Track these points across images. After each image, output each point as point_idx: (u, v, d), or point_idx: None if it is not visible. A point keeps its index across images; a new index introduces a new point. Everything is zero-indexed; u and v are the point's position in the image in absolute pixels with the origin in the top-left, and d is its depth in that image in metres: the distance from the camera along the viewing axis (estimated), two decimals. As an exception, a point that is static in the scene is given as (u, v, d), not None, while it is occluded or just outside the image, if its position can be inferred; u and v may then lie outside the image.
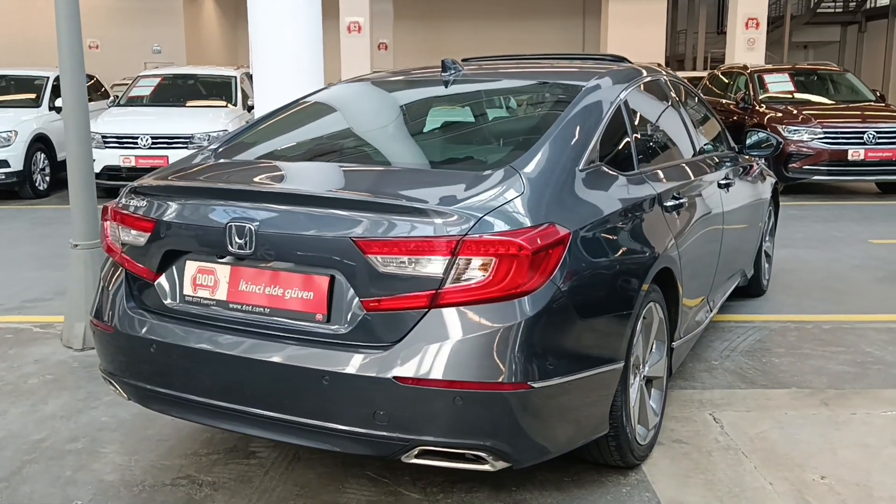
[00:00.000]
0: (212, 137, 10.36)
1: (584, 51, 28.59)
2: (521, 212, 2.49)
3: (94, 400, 3.89)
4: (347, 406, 2.46)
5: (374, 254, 2.43)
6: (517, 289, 2.40)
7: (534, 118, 3.27)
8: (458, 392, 2.37)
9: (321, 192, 2.63)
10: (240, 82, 11.83)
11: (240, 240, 2.59)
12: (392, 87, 3.83)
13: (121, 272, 2.96)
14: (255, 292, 2.64)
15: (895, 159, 10.31)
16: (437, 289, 2.40)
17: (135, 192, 2.94)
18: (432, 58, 27.53)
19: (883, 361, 4.39)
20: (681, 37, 29.65)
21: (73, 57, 4.37)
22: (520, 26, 28.63)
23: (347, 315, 2.50)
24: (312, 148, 3.41)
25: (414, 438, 2.43)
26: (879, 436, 3.46)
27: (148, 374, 2.81)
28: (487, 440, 2.42)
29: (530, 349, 2.42)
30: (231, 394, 2.63)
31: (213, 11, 27.88)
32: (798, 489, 3.01)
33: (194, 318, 2.74)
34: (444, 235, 2.38)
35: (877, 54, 29.33)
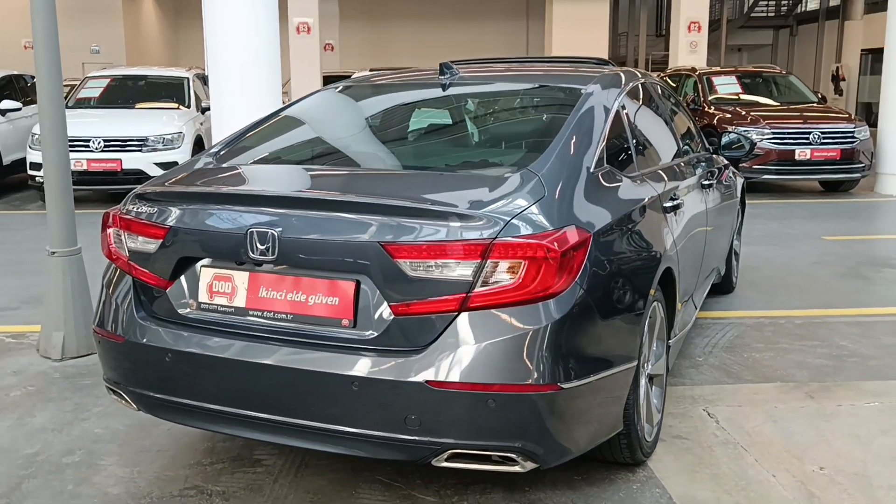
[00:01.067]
0: (166, 140, 10.17)
1: (527, 52, 28.86)
2: (545, 214, 2.52)
3: (84, 411, 3.79)
4: (378, 411, 2.45)
5: (403, 258, 2.43)
6: (545, 291, 2.42)
7: (540, 121, 3.30)
8: (491, 394, 2.39)
9: (348, 196, 2.61)
10: (192, 84, 11.61)
11: (262, 245, 2.56)
12: (392, 90, 3.82)
13: (127, 280, 2.89)
14: (276, 298, 2.61)
15: (839, 158, 10.69)
16: (466, 292, 2.41)
17: (141, 198, 2.87)
18: (378, 59, 27.35)
19: (858, 354, 4.56)
20: (622, 39, 30.18)
21: (49, 58, 4.25)
22: (464, 27, 28.74)
23: (375, 320, 2.49)
24: (321, 152, 3.38)
25: (446, 442, 2.43)
26: (868, 427, 3.59)
27: (162, 383, 2.75)
28: (518, 441, 2.44)
29: (558, 350, 2.45)
30: (253, 401, 2.60)
31: (153, 11, 27.31)
32: (801, 481, 3.10)
33: (212, 326, 2.69)
34: (475, 239, 2.40)
35: (808, 57, 30.29)
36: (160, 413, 2.86)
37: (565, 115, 3.10)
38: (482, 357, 2.40)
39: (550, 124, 3.14)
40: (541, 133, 3.09)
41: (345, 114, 3.71)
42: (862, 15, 27.66)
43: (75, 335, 4.45)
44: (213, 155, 3.26)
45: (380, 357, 2.46)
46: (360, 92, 3.81)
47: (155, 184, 2.97)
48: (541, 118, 3.33)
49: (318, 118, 3.67)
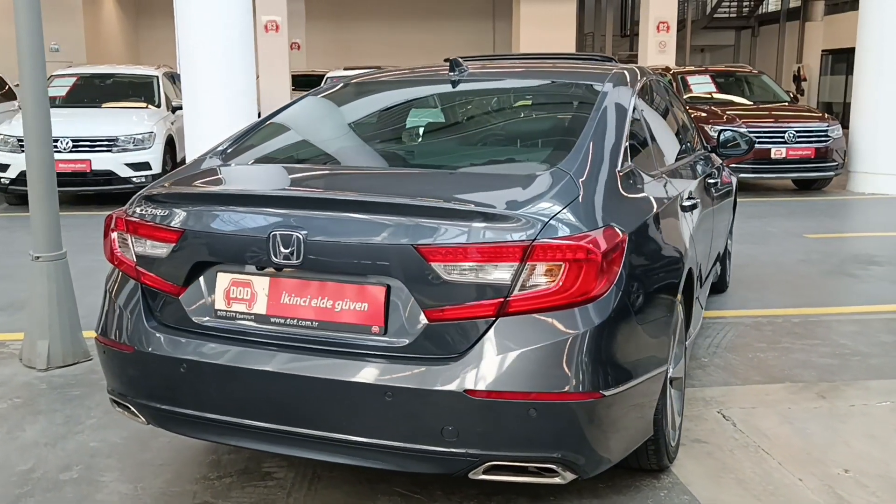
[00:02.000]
0: (137, 140, 9.91)
1: (494, 52, 28.84)
2: (582, 215, 2.43)
3: (76, 424, 3.61)
4: (413, 422, 2.33)
5: (438, 261, 2.31)
6: (586, 295, 2.33)
7: (560, 119, 3.20)
8: (533, 404, 2.29)
9: (379, 197, 2.49)
10: (162, 82, 11.33)
11: (286, 249, 2.42)
12: (402, 86, 3.69)
13: (134, 287, 2.74)
14: (299, 305, 2.48)
15: (813, 157, 10.79)
16: (504, 296, 2.30)
17: (150, 200, 2.72)
18: (345, 58, 27.12)
19: (859, 353, 4.54)
20: (587, 39, 30.31)
21: (33, 58, 4.05)
22: (431, 27, 28.64)
23: (407, 326, 2.38)
24: (336, 151, 3.25)
25: (485, 454, 2.33)
26: (883, 427, 3.56)
27: (176, 395, 2.60)
28: (559, 451, 2.34)
29: (599, 356, 2.36)
30: (276, 414, 2.46)
31: (113, 8, 26.75)
32: (828, 484, 3.05)
33: (229, 335, 2.55)
34: (514, 241, 2.29)
35: (769, 58, 30.73)
36: (172, 426, 2.71)
37: (585, 113, 3.01)
38: (522, 364, 2.30)
39: (572, 122, 3.05)
40: (564, 131, 3.00)
41: (356, 111, 3.58)
42: (822, 16, 28.16)
43: (61, 343, 4.26)
44: (219, 154, 3.12)
45: (414, 365, 2.34)
46: (369, 89, 3.68)
47: (163, 185, 2.82)
48: (560, 116, 3.24)
49: (327, 116, 3.54)
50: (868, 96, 11.19)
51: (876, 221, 9.31)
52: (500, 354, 2.30)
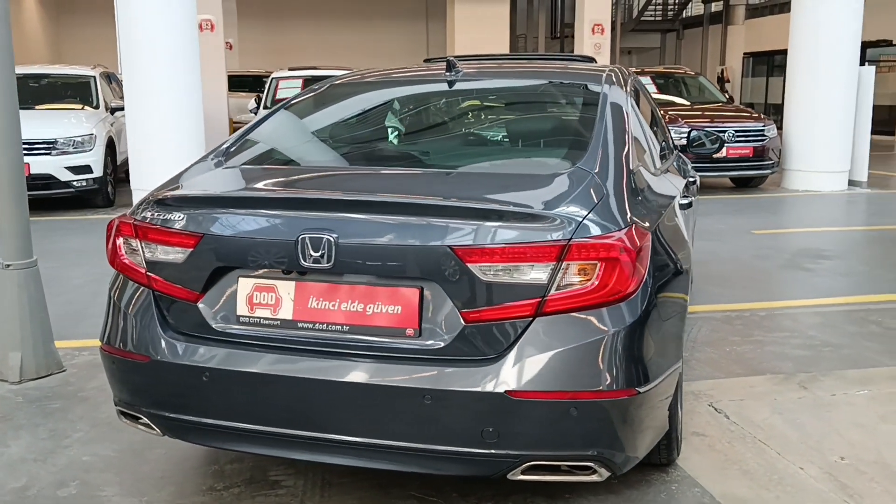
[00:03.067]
0: (76, 142, 9.57)
1: (428, 53, 28.86)
2: (611, 214, 2.44)
3: (63, 438, 3.46)
4: (452, 425, 2.31)
5: (474, 262, 2.30)
6: (620, 293, 2.34)
7: (567, 119, 3.21)
8: (573, 402, 2.29)
9: (414, 198, 2.46)
10: (99, 83, 10.97)
11: (315, 252, 2.37)
12: (403, 86, 3.64)
13: (144, 293, 2.64)
14: (328, 309, 2.43)
15: (752, 156, 11.14)
16: (541, 296, 2.30)
17: (162, 204, 2.62)
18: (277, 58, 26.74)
19: (829, 343, 4.71)
20: (520, 41, 30.60)
21: (3, 57, 3.87)
22: (364, 27, 28.46)
23: (443, 328, 2.35)
24: (349, 151, 3.19)
25: (525, 454, 2.32)
26: (867, 415, 3.69)
27: (197, 405, 2.51)
28: (596, 449, 2.35)
29: (633, 354, 2.39)
30: (307, 420, 2.41)
31: (34, 9, 25.77)
32: (828, 472, 3.15)
33: (254, 341, 2.48)
34: (551, 240, 2.29)
35: (694, 60, 31.55)
36: (191, 437, 2.62)
37: (590, 113, 3.04)
38: (562, 364, 2.30)
39: (580, 122, 3.07)
40: (573, 131, 3.02)
41: (360, 111, 3.52)
42: (743, 20, 29.08)
43: (34, 355, 4.08)
44: (224, 156, 3.03)
45: (452, 367, 2.32)
46: (367, 88, 3.62)
47: (172, 189, 2.72)
48: (566, 116, 3.25)
49: (330, 116, 3.48)
50: (801, 96, 11.59)
51: (815, 217, 9.66)
52: (539, 354, 2.30)
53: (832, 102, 11.32)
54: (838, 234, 8.41)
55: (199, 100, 9.94)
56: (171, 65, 9.33)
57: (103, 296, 2.88)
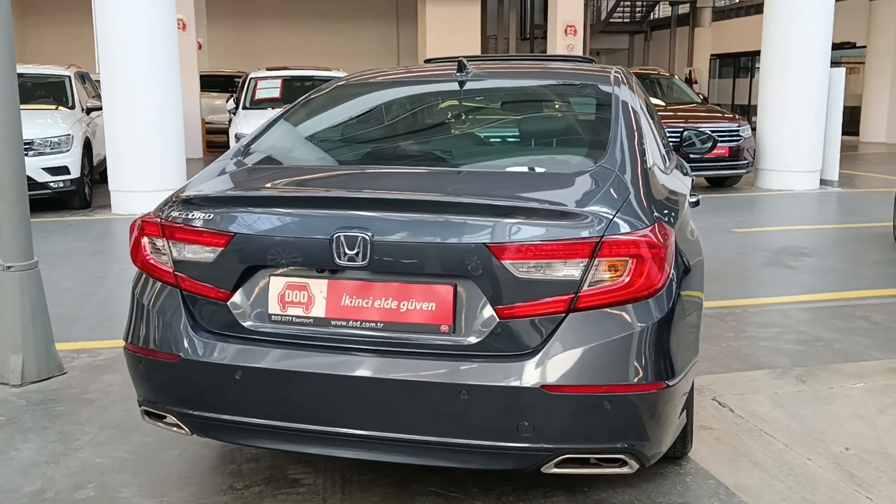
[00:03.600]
0: (53, 143, 9.43)
1: (399, 55, 28.86)
2: (638, 210, 2.49)
3: (73, 440, 3.43)
4: (488, 420, 2.34)
5: (509, 259, 2.33)
6: (649, 289, 2.39)
7: (582, 118, 3.25)
8: (607, 396, 2.34)
9: (449, 197, 2.48)
10: (74, 82, 10.82)
11: (350, 251, 2.39)
12: (416, 85, 3.66)
13: (171, 293, 2.63)
14: (361, 307, 2.45)
15: (727, 156, 11.32)
16: (574, 292, 2.35)
17: (190, 204, 2.62)
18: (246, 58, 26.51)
19: (821, 338, 4.82)
20: (490, 42, 30.73)
21: (3, 56, 3.83)
22: (333, 28, 28.36)
23: (477, 324, 2.39)
24: (373, 150, 3.20)
25: (560, 447, 2.36)
26: (865, 407, 3.79)
27: (229, 404, 2.52)
28: (629, 442, 2.40)
29: (662, 348, 2.44)
30: (342, 417, 2.43)
31: (-4, 5, 25.27)
32: (835, 462, 3.23)
33: (287, 339, 2.49)
34: (584, 237, 2.34)
35: (661, 61, 31.94)
36: (221, 435, 2.62)
37: (605, 113, 3.08)
38: (595, 358, 2.35)
39: (597, 121, 3.11)
40: (591, 130, 3.06)
41: (377, 110, 3.53)
42: (710, 22, 29.52)
43: (35, 357, 4.04)
44: (243, 155, 3.03)
45: (487, 363, 2.35)
46: (381, 88, 3.63)
47: (199, 188, 2.72)
48: (581, 115, 3.29)
49: (347, 115, 3.49)
50: (774, 97, 11.81)
51: (792, 215, 9.85)
52: (573, 350, 2.34)
53: (804, 103, 11.54)
54: (816, 232, 8.59)
55: (179, 99, 9.87)
56: (152, 63, 9.25)
57: (94, 298, 2.87)
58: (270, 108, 10.90)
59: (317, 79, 11.61)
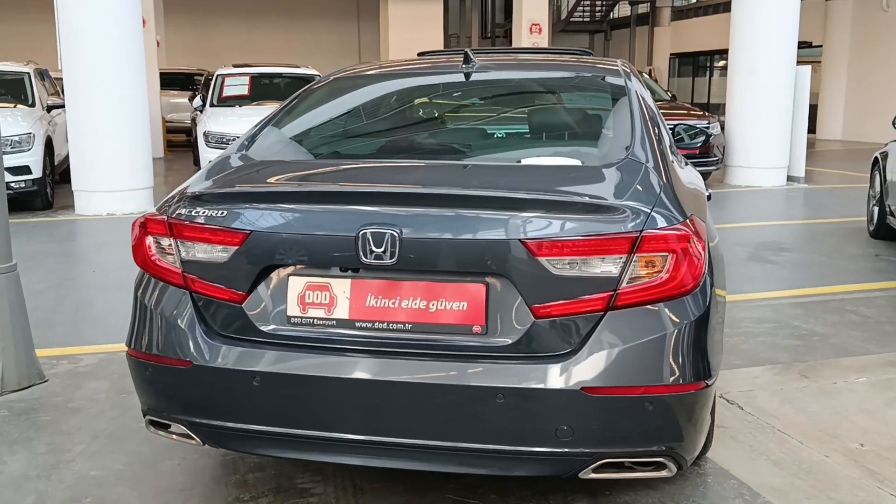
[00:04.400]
0: (14, 142, 9.09)
1: (360, 53, 28.64)
2: (673, 204, 2.41)
3: (63, 452, 3.25)
4: (526, 424, 2.24)
5: (545, 255, 2.23)
6: (687, 285, 2.31)
7: (598, 111, 3.14)
8: (648, 397, 2.25)
9: (482, 191, 2.37)
10: (34, 79, 10.46)
11: (378, 248, 2.26)
12: (421, 76, 3.52)
13: (180, 295, 2.48)
14: (388, 307, 2.32)
15: (697, 153, 11.36)
16: (613, 289, 2.25)
17: (199, 201, 2.47)
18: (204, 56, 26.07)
19: (816, 333, 4.81)
20: (452, 40, 30.61)
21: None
22: (293, 26, 28.02)
23: (511, 324, 2.28)
24: (388, 144, 3.07)
25: (599, 451, 2.27)
26: (871, 401, 3.77)
27: (247, 412, 2.37)
28: (668, 444, 2.32)
29: (700, 347, 2.36)
30: (368, 424, 2.30)
31: (-56, 1, 24.49)
32: (853, 459, 3.19)
33: (308, 343, 2.36)
34: (623, 232, 2.24)
35: (621, 60, 32.22)
36: (236, 445, 2.48)
37: (620, 105, 3.00)
38: (636, 358, 2.26)
39: (614, 113, 3.01)
40: (609, 122, 2.97)
41: (387, 102, 3.39)
42: (669, 22, 29.79)
43: (16, 365, 3.83)
44: (248, 149, 2.88)
45: (524, 364, 2.25)
46: (387, 79, 3.49)
47: (208, 184, 2.57)
48: (597, 107, 3.18)
49: (354, 107, 3.35)
50: (742, 95, 11.90)
51: (764, 211, 9.91)
52: (613, 349, 2.24)
53: (772, 101, 11.65)
54: (791, 228, 8.66)
55: (144, 95, 9.61)
56: (116, 59, 9.00)
57: (68, 301, 2.72)
58: (238, 105, 10.68)
59: (286, 76, 11.41)
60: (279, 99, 11.05)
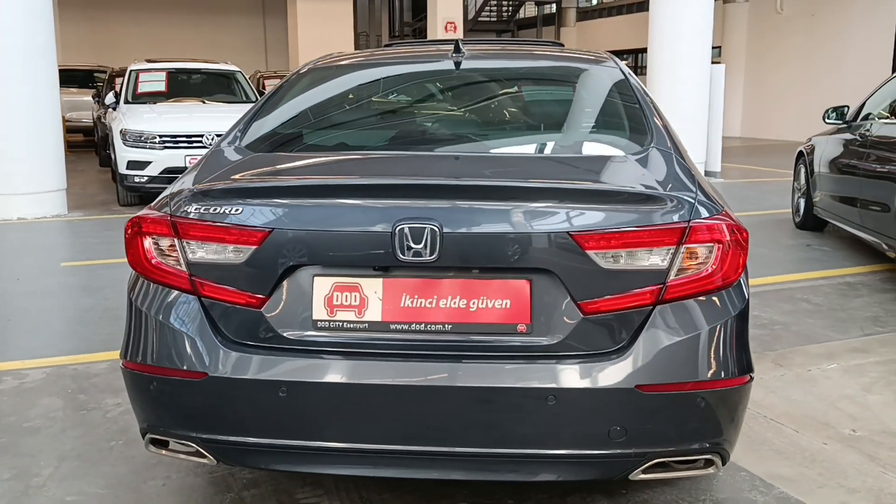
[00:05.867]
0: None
1: (266, 51, 28.01)
2: (710, 193, 2.35)
3: (31, 477, 2.95)
4: (578, 426, 2.13)
5: (594, 248, 2.12)
6: (732, 276, 2.25)
7: (607, 101, 3.03)
8: (701, 393, 2.18)
9: (527, 182, 2.23)
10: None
11: (416, 245, 2.10)
12: (414, 64, 3.34)
13: (187, 300, 2.25)
14: (425, 307, 2.17)
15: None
16: (662, 282, 2.17)
17: (209, 196, 2.25)
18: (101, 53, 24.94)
19: (777, 322, 4.90)
20: (361, 38, 30.32)
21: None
22: (195, 22, 27.13)
23: (558, 322, 2.16)
24: (405, 135, 2.88)
25: (651, 451, 2.18)
26: (850, 386, 3.85)
27: (270, 425, 2.18)
28: (717, 440, 2.25)
29: (743, 339, 2.30)
30: (411, 433, 2.14)
31: None
32: (850, 445, 3.23)
33: (338, 348, 2.18)
34: (672, 223, 2.16)
35: (528, 59, 32.64)
36: (257, 462, 2.27)
37: (627, 95, 2.93)
38: (687, 353, 2.17)
39: (622, 104, 2.93)
40: (622, 112, 2.88)
41: (393, 89, 3.19)
42: (575, 22, 30.37)
43: (-41, 383, 3.47)
44: (239, 141, 2.66)
45: (574, 364, 2.13)
46: (384, 66, 3.29)
47: (219, 179, 2.35)
48: (605, 98, 3.07)
49: (356, 95, 3.14)
50: (663, 93, 12.15)
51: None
52: (665, 345, 2.16)
53: (690, 98, 11.94)
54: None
55: (56, 92, 9.07)
56: (29, 54, 8.44)
57: None
58: (154, 102, 10.20)
59: (205, 72, 10.97)
60: (198, 96, 10.63)
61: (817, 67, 20.12)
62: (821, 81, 19.71)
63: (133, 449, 3.14)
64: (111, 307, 5.17)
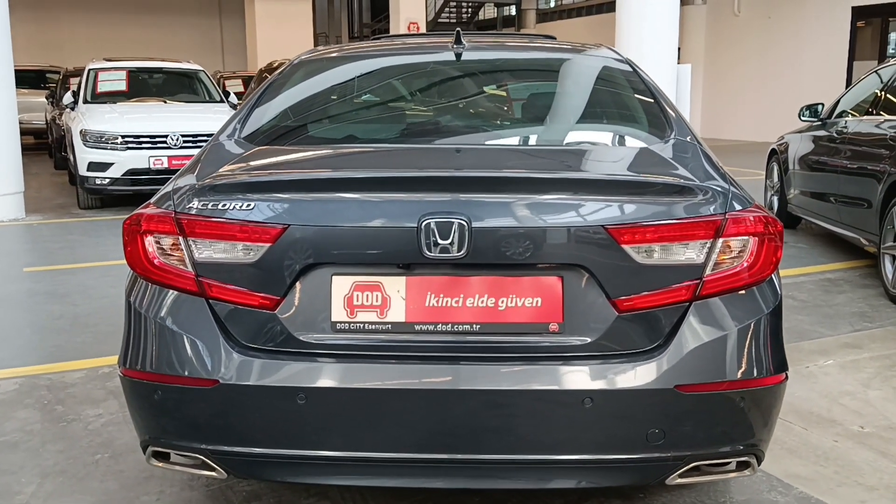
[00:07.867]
0: None
1: (223, 52, 27.55)
2: (738, 184, 2.27)
3: (12, 495, 2.75)
4: (615, 429, 2.02)
5: (630, 243, 2.02)
6: (767, 270, 2.16)
7: (619, 90, 2.93)
8: (741, 392, 2.08)
9: (560, 174, 2.12)
10: None
11: (444, 241, 1.98)
12: (416, 54, 3.20)
13: (194, 303, 2.09)
14: (451, 307, 2.04)
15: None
16: (699, 277, 2.08)
17: (217, 192, 2.10)
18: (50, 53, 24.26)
19: (767, 320, 4.87)
20: (321, 39, 30.04)
21: None
22: (149, 22, 26.54)
23: (592, 320, 2.05)
24: (419, 127, 2.73)
25: (690, 454, 2.08)
26: (849, 383, 3.81)
27: (287, 434, 2.03)
28: (754, 441, 2.16)
29: (779, 336, 2.21)
30: (438, 440, 2.01)
31: None
32: (860, 442, 3.18)
33: (359, 352, 2.04)
34: (709, 215, 2.07)
35: (487, 61, 32.66)
36: (270, 473, 2.12)
37: (637, 86, 2.85)
38: (725, 351, 2.08)
39: (634, 95, 2.84)
40: (635, 103, 2.79)
41: (402, 80, 3.04)
42: (535, 24, 30.45)
43: (-73, 396, 3.25)
44: (239, 134, 2.51)
45: (610, 364, 2.03)
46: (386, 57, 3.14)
47: (225, 173, 2.19)
48: (616, 89, 2.96)
49: (362, 85, 2.99)
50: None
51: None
52: (703, 343, 2.06)
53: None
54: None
55: (12, 93, 8.75)
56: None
57: None
58: (114, 101, 9.89)
59: (166, 71, 10.69)
60: (160, 95, 10.34)
61: (774, 69, 20.43)
62: (778, 83, 20.01)
63: (121, 462, 2.97)
64: (81, 314, 4.95)
